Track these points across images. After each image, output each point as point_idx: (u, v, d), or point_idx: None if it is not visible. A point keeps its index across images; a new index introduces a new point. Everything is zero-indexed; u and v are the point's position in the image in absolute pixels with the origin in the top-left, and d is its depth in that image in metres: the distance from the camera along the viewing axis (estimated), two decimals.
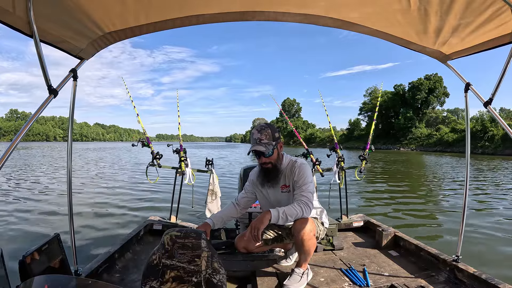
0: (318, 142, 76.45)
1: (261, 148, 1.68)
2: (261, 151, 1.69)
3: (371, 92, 72.43)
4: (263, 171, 1.83)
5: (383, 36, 1.80)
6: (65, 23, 1.36)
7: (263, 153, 1.71)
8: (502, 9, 1.33)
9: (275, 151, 1.74)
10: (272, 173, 1.80)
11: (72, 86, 1.64)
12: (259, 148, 1.68)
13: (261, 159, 1.76)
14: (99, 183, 9.09)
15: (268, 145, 1.70)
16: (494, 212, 5.53)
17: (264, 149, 1.69)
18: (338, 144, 2.98)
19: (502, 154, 31.92)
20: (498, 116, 1.59)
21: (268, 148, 1.69)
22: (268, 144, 1.71)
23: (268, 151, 1.70)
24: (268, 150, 1.70)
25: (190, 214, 4.84)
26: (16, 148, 1.18)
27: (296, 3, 1.56)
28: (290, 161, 1.86)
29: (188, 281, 1.09)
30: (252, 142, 1.75)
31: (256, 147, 1.69)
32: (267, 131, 1.73)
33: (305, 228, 1.69)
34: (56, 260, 1.35)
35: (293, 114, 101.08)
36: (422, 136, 54.47)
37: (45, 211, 5.37)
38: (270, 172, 1.80)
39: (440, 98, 59.69)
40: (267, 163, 1.77)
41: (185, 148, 2.94)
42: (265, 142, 1.71)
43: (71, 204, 1.74)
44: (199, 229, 1.59)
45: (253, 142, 1.74)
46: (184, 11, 1.54)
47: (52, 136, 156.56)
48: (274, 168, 1.79)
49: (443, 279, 1.88)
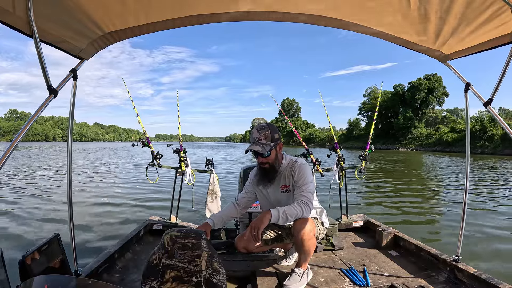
0: (317, 142, 76.48)
1: (257, 148, 1.68)
2: (258, 151, 1.69)
3: (370, 92, 72.49)
4: (260, 171, 1.84)
5: (383, 36, 1.80)
6: (65, 23, 1.36)
7: (261, 153, 1.72)
8: (502, 9, 1.33)
9: (273, 152, 1.74)
10: (269, 174, 1.80)
11: (72, 86, 1.64)
12: (256, 148, 1.68)
13: (258, 158, 1.76)
14: (99, 183, 9.09)
15: (266, 145, 1.69)
16: (494, 212, 5.53)
17: (261, 149, 1.68)
18: (338, 144, 2.98)
19: (501, 153, 31.96)
20: (498, 116, 1.59)
21: (265, 149, 1.68)
22: (266, 145, 1.70)
23: (265, 151, 1.69)
24: (265, 151, 1.69)
25: (190, 214, 4.84)
26: (16, 148, 1.18)
27: (296, 3, 1.55)
28: (290, 161, 1.86)
29: (188, 281, 1.09)
30: (251, 141, 1.75)
31: (253, 146, 1.69)
32: (266, 131, 1.72)
33: (305, 228, 1.69)
34: (56, 260, 1.35)
35: (292, 114, 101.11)
36: (422, 136, 54.51)
37: (45, 211, 5.37)
38: (268, 173, 1.80)
39: (440, 98, 59.76)
40: (264, 163, 1.77)
41: (185, 148, 2.94)
42: (263, 142, 1.70)
43: (71, 204, 1.74)
44: (199, 229, 1.59)
45: (252, 141, 1.74)
46: (184, 11, 1.54)
47: (51, 136, 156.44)
48: (272, 169, 1.79)
49: (443, 279, 1.88)
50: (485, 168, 14.82)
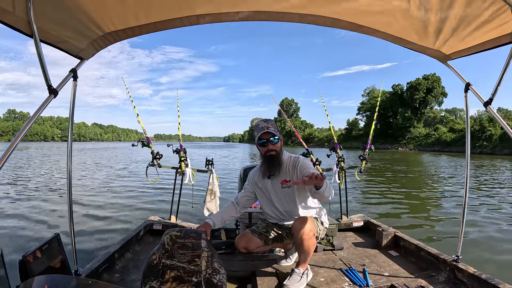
0: (316, 142, 76.37)
1: (272, 130, 1.77)
2: (272, 132, 1.76)
3: (369, 92, 72.39)
4: (267, 161, 1.86)
5: (383, 36, 1.80)
6: (65, 23, 1.36)
7: (271, 140, 1.78)
8: (502, 9, 1.33)
9: (280, 140, 1.82)
10: (275, 162, 1.84)
11: (72, 86, 1.64)
12: (271, 130, 1.77)
13: (267, 146, 1.81)
14: (99, 183, 9.09)
15: (276, 131, 1.79)
16: (494, 212, 5.53)
17: (274, 130, 1.77)
18: (337, 144, 2.97)
19: (500, 153, 31.92)
20: (498, 116, 1.58)
21: (276, 133, 1.78)
22: (276, 131, 1.79)
23: (277, 133, 1.78)
24: (277, 133, 1.78)
25: (190, 214, 4.83)
26: (16, 148, 1.18)
27: (295, 3, 1.55)
28: (290, 157, 1.90)
29: (188, 281, 1.09)
30: (259, 131, 1.80)
31: (268, 130, 1.77)
32: (272, 122, 1.84)
33: (304, 228, 1.70)
34: (56, 260, 1.36)
35: (291, 114, 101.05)
36: (420, 136, 54.44)
37: (45, 211, 5.37)
38: (274, 161, 1.83)
39: (438, 98, 59.74)
40: (272, 150, 1.81)
41: (185, 148, 2.94)
42: (273, 129, 1.79)
43: (71, 204, 1.74)
44: (199, 229, 1.59)
45: (260, 131, 1.80)
46: (184, 11, 1.54)
47: (50, 136, 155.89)
48: (278, 157, 1.84)
49: (443, 279, 1.88)
50: (484, 168, 14.83)
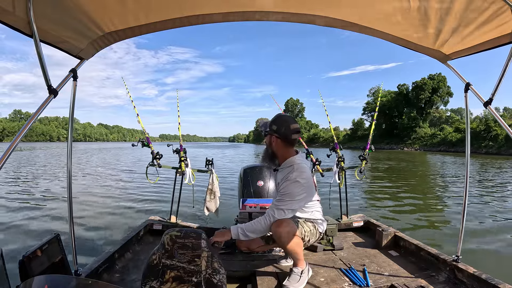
0: (321, 142, 76.25)
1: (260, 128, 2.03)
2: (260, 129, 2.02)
3: (374, 92, 72.20)
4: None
5: (383, 36, 1.80)
6: (65, 23, 1.36)
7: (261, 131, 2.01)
8: (502, 9, 1.33)
9: (267, 137, 1.90)
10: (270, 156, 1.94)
11: (72, 86, 1.64)
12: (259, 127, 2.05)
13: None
14: (99, 183, 9.10)
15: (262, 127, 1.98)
16: (494, 212, 5.52)
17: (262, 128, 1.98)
18: (339, 144, 2.98)
19: (506, 154, 31.65)
20: (498, 116, 1.58)
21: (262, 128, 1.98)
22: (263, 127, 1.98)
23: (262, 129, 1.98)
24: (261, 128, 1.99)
25: (190, 214, 4.83)
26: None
27: (296, 3, 1.55)
28: (294, 163, 1.80)
29: (188, 281, 1.09)
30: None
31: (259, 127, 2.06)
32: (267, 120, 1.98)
33: (281, 231, 1.70)
34: (56, 260, 1.36)
35: (296, 114, 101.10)
36: (426, 136, 54.38)
37: (45, 211, 5.38)
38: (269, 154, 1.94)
39: (444, 98, 59.68)
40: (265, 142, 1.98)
41: (185, 148, 2.94)
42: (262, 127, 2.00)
43: (71, 204, 1.74)
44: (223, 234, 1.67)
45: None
46: (184, 11, 1.54)
47: (55, 136, 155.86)
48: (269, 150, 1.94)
49: (443, 279, 1.88)
50: (488, 168, 14.80)
